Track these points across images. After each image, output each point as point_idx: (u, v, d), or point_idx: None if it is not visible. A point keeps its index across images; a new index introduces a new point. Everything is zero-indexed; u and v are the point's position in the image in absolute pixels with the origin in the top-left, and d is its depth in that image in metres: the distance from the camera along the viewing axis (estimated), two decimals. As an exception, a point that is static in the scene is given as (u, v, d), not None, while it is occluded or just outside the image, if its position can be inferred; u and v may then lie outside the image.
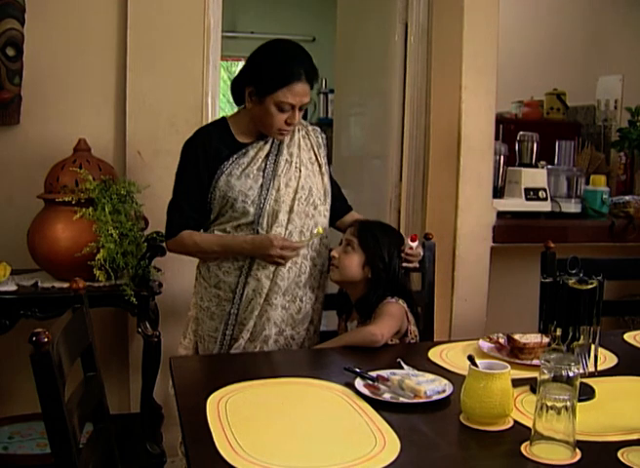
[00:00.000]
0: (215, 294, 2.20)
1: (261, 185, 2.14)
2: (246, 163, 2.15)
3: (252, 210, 2.13)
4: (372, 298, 2.13)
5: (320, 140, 2.30)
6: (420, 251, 2.23)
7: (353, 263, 2.15)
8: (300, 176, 2.19)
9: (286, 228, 2.14)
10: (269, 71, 2.09)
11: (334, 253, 2.17)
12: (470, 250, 3.01)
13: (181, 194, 2.19)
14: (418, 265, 2.25)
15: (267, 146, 2.19)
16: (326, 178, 2.27)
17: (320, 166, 2.26)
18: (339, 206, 2.33)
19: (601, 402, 1.63)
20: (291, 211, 2.15)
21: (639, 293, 3.26)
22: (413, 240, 2.18)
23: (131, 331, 2.80)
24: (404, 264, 2.17)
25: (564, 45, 4.37)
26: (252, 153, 2.17)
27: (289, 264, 2.14)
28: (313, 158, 2.26)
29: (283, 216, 2.13)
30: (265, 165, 2.17)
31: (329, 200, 2.27)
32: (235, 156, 2.16)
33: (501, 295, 3.13)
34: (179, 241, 2.18)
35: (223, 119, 2.26)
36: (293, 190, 2.16)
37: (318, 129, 2.34)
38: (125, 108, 2.75)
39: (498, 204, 3.11)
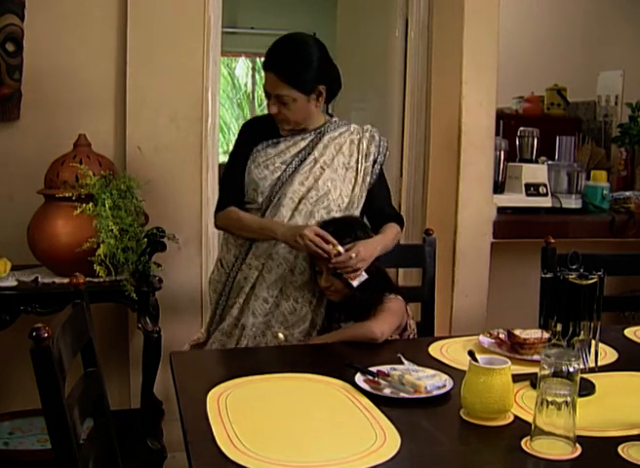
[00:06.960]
0: (216, 265, 2.30)
1: (278, 178, 2.15)
2: (272, 154, 2.18)
3: (260, 199, 2.16)
4: (361, 298, 2.09)
5: (372, 150, 2.22)
6: (353, 253, 1.98)
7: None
8: (319, 177, 2.15)
9: None
10: None
11: (325, 284, 2.09)
12: (471, 245, 3.01)
13: (229, 173, 2.25)
14: (362, 272, 2.02)
15: (303, 143, 2.19)
16: (357, 189, 2.19)
17: (357, 173, 2.20)
18: (381, 220, 2.24)
19: (601, 397, 1.63)
20: (295, 208, 2.13)
21: (639, 289, 3.26)
22: (334, 245, 1.98)
23: (131, 327, 2.80)
24: (344, 276, 2.02)
25: (565, 40, 4.36)
26: (282, 146, 2.19)
27: (280, 260, 2.14)
28: (352, 164, 2.20)
29: (286, 212, 2.12)
30: (292, 160, 2.17)
31: (354, 211, 2.19)
32: (265, 144, 2.19)
33: (502, 291, 3.13)
34: (225, 214, 2.21)
35: None
36: (306, 189, 2.14)
37: (377, 140, 2.25)
38: (125, 104, 2.74)
39: (498, 199, 3.11)
